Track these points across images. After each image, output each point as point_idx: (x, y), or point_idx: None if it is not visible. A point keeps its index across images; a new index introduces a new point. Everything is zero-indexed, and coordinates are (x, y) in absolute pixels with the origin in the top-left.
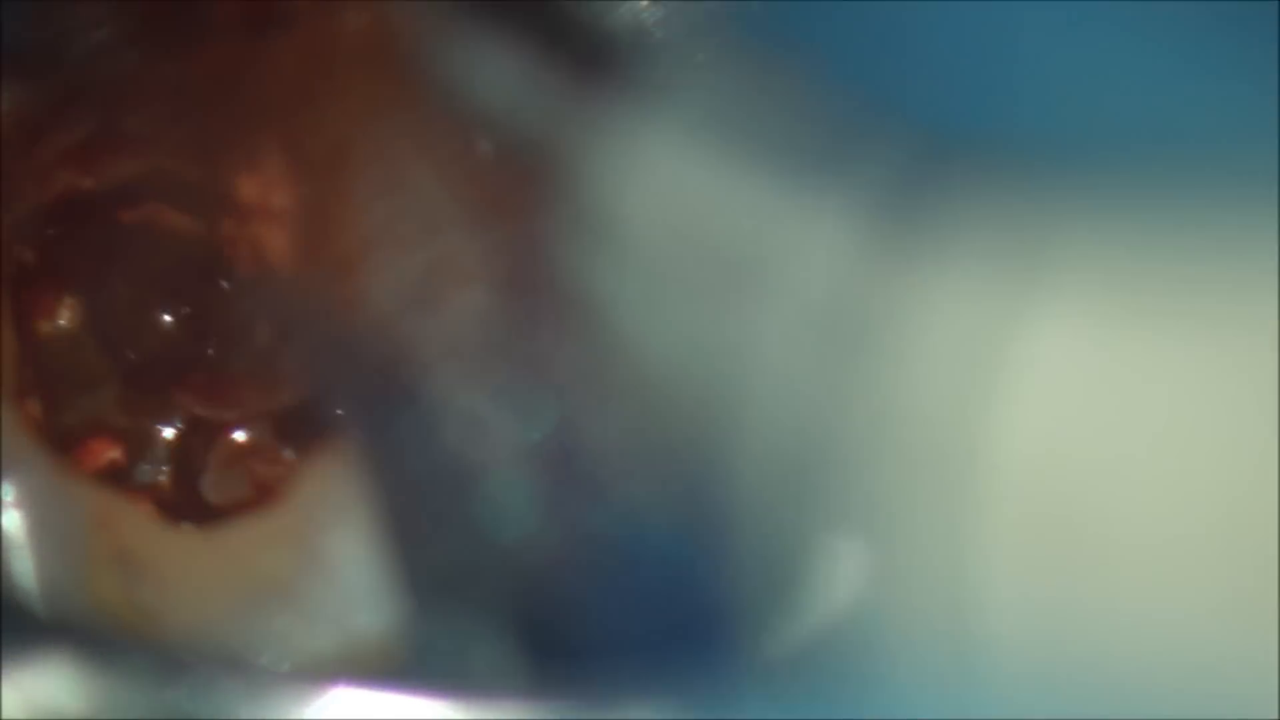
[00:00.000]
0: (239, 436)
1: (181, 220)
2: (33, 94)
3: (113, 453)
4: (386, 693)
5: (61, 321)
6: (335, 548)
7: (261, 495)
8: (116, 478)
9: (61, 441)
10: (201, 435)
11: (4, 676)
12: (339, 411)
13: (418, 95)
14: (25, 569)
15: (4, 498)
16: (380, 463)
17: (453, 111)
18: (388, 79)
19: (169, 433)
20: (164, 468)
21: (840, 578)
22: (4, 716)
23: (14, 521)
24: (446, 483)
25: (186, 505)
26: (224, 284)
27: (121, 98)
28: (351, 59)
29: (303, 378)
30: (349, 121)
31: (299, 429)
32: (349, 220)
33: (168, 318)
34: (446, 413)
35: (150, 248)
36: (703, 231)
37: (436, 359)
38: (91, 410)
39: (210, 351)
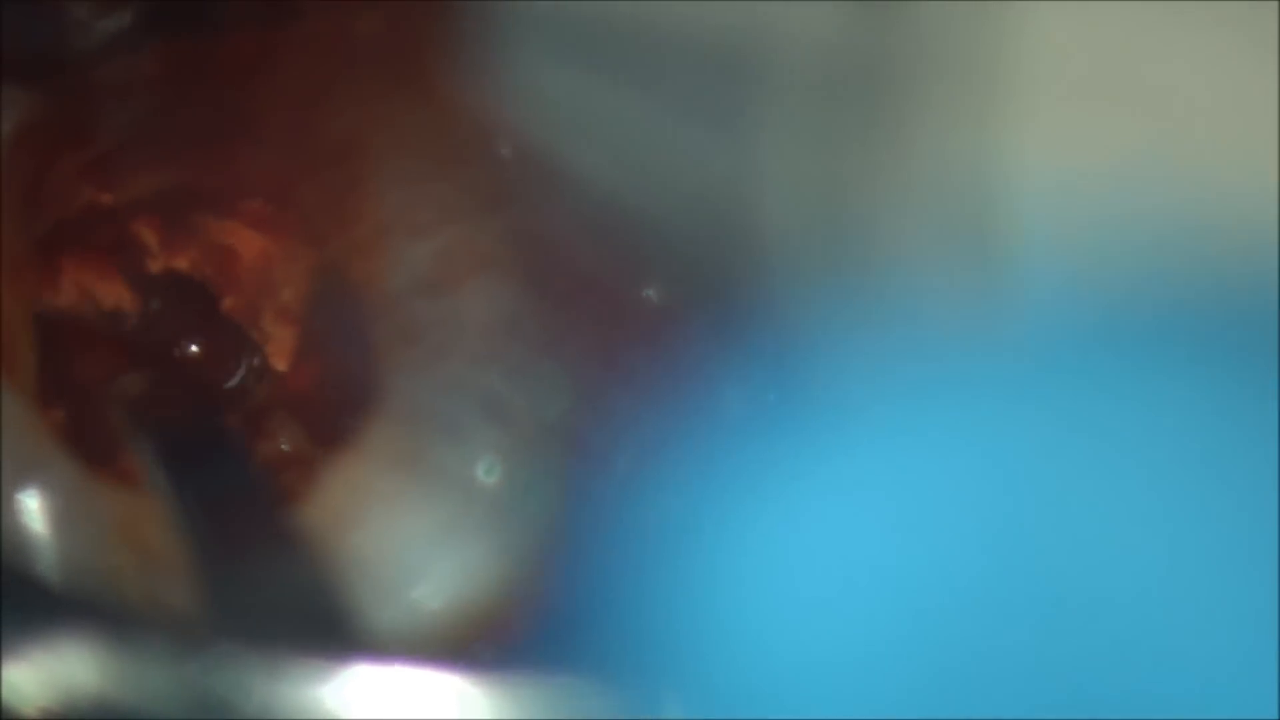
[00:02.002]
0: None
1: (202, 234)
2: (46, 102)
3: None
4: (404, 671)
5: (87, 338)
6: (359, 545)
7: (286, 495)
8: (141, 483)
9: (87, 451)
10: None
11: (22, 655)
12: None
13: (432, 85)
14: (48, 568)
15: (28, 499)
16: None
17: (467, 101)
18: (402, 68)
19: None
20: None
21: None
22: (21, 694)
23: (38, 522)
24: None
25: None
26: (244, 298)
27: (134, 100)
28: (366, 50)
29: (327, 379)
30: (363, 111)
31: (322, 430)
32: (363, 208)
33: (192, 332)
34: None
35: (171, 263)
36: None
37: (451, 342)
38: (116, 423)
39: (232, 362)
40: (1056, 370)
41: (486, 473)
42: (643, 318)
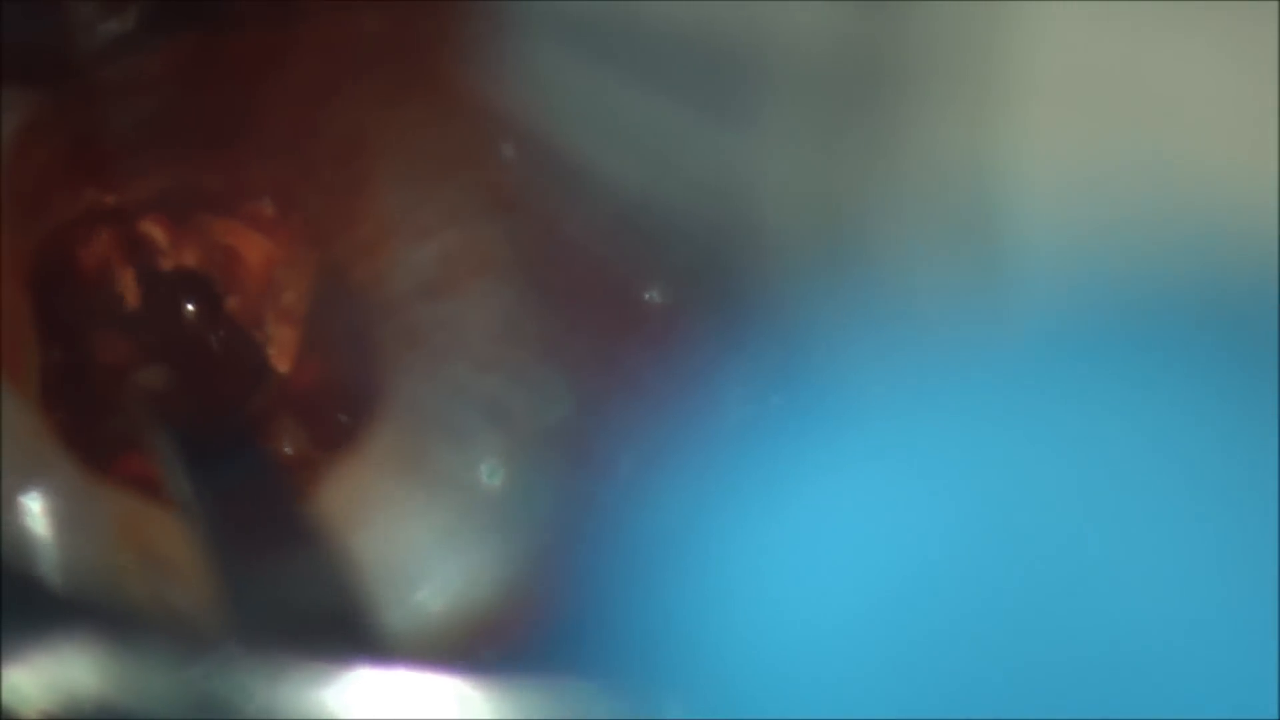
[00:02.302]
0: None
1: (205, 234)
2: (50, 103)
3: (142, 466)
4: (407, 674)
5: (89, 340)
6: (363, 546)
7: (289, 496)
8: (145, 485)
9: (91, 454)
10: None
11: (23, 657)
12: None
13: (437, 87)
14: (50, 570)
15: (30, 501)
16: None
17: (472, 102)
18: (407, 70)
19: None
20: None
21: None
22: (22, 696)
23: (40, 524)
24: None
25: None
26: (247, 299)
27: (138, 101)
28: (371, 51)
29: (329, 381)
30: (368, 112)
31: (324, 432)
32: (367, 210)
33: (197, 335)
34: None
35: (175, 265)
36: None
37: (453, 345)
38: (121, 427)
39: (235, 363)
40: (1057, 369)
41: (489, 476)
42: (645, 321)
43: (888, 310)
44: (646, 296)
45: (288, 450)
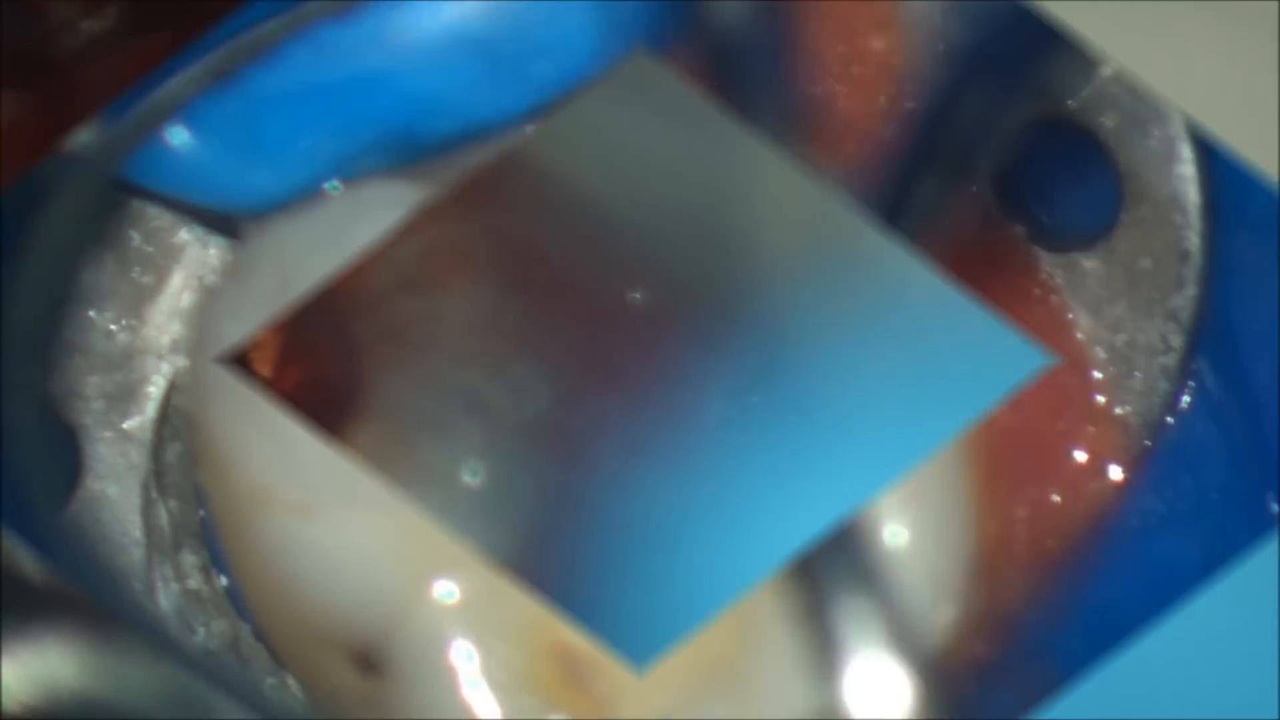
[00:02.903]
0: None
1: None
2: (31, 103)
3: None
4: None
5: None
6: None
7: None
8: None
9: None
10: None
11: (5, 650)
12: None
13: None
14: (31, 562)
15: None
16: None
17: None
18: None
19: None
20: None
21: None
22: (3, 689)
23: None
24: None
25: None
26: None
27: (120, 99)
28: None
29: (311, 382)
30: None
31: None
32: None
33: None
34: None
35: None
36: None
37: (434, 339)
38: None
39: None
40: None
41: (471, 473)
42: (626, 316)
43: (872, 312)
44: (628, 295)
45: None
